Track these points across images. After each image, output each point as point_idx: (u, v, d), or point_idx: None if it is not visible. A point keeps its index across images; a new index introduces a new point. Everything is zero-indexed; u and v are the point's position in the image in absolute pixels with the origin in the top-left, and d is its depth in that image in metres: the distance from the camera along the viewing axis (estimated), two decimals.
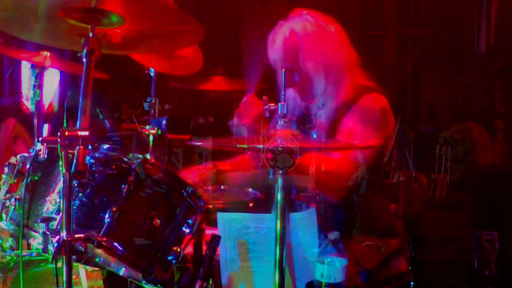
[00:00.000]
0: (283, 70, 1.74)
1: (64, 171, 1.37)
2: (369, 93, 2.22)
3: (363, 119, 2.16)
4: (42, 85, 3.11)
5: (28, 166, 1.74)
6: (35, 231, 1.67)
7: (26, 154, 1.80)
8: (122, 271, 1.74)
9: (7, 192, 1.79)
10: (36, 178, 1.73)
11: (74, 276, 2.16)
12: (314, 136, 2.28)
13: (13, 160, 1.84)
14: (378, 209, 2.27)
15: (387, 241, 2.20)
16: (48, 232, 1.46)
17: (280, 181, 1.60)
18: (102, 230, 1.57)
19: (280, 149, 1.60)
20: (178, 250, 1.67)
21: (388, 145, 2.21)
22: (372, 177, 2.20)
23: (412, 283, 2.19)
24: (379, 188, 2.23)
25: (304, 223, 1.80)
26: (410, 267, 2.22)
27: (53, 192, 1.69)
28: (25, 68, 3.89)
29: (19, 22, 1.67)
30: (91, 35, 1.53)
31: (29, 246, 2.33)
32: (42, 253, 1.95)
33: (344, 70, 2.24)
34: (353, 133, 2.15)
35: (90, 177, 1.60)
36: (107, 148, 1.71)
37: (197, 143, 1.66)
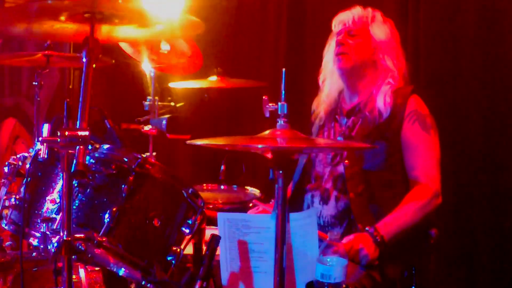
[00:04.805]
0: (283, 69, 1.73)
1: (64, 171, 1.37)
2: (411, 96, 2.25)
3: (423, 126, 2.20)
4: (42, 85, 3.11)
5: (28, 166, 1.74)
6: (35, 231, 1.67)
7: (26, 154, 1.80)
8: (122, 271, 1.74)
9: (7, 192, 1.79)
10: (36, 178, 1.73)
11: (74, 276, 2.16)
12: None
13: (13, 160, 1.85)
14: None
15: None
16: (48, 232, 1.46)
17: (280, 181, 1.60)
18: (102, 230, 1.57)
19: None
20: (178, 250, 1.67)
21: None
22: None
23: None
24: None
25: (304, 223, 1.80)
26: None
27: (53, 192, 1.69)
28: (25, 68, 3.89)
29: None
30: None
31: (29, 246, 2.33)
32: (42, 253, 1.95)
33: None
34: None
35: (90, 177, 1.60)
36: (107, 148, 1.71)
37: (197, 143, 1.65)
